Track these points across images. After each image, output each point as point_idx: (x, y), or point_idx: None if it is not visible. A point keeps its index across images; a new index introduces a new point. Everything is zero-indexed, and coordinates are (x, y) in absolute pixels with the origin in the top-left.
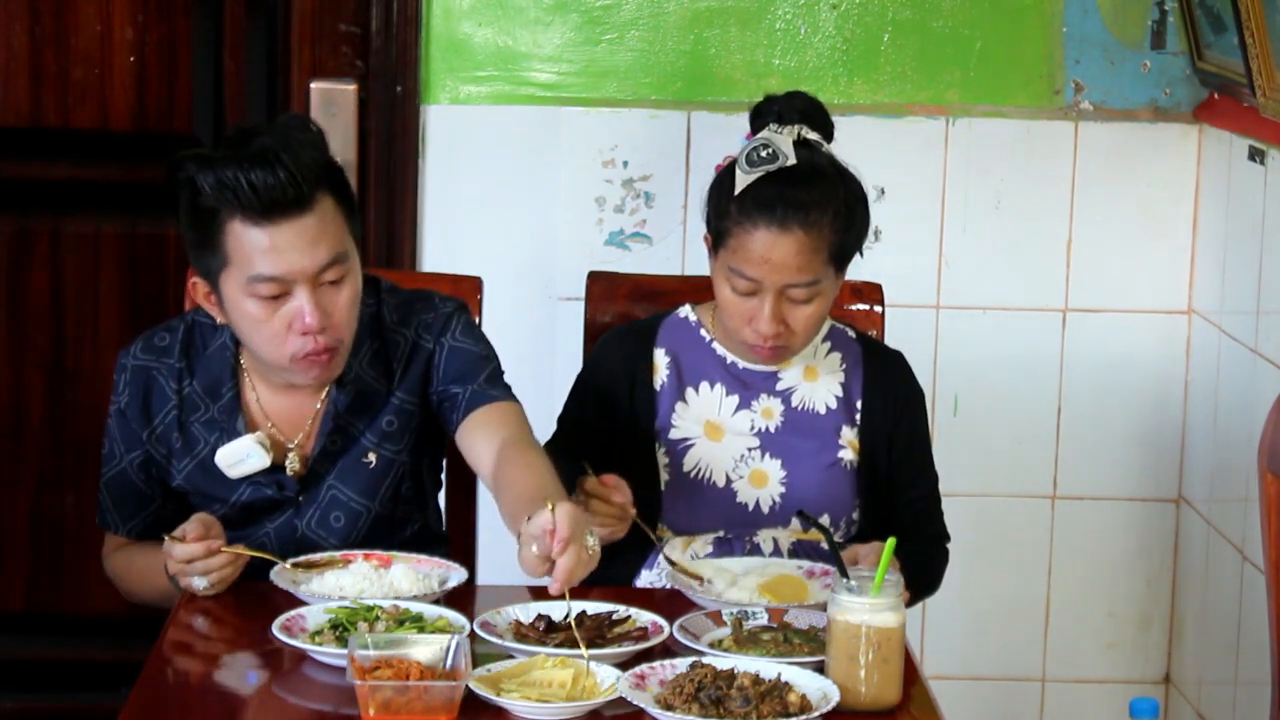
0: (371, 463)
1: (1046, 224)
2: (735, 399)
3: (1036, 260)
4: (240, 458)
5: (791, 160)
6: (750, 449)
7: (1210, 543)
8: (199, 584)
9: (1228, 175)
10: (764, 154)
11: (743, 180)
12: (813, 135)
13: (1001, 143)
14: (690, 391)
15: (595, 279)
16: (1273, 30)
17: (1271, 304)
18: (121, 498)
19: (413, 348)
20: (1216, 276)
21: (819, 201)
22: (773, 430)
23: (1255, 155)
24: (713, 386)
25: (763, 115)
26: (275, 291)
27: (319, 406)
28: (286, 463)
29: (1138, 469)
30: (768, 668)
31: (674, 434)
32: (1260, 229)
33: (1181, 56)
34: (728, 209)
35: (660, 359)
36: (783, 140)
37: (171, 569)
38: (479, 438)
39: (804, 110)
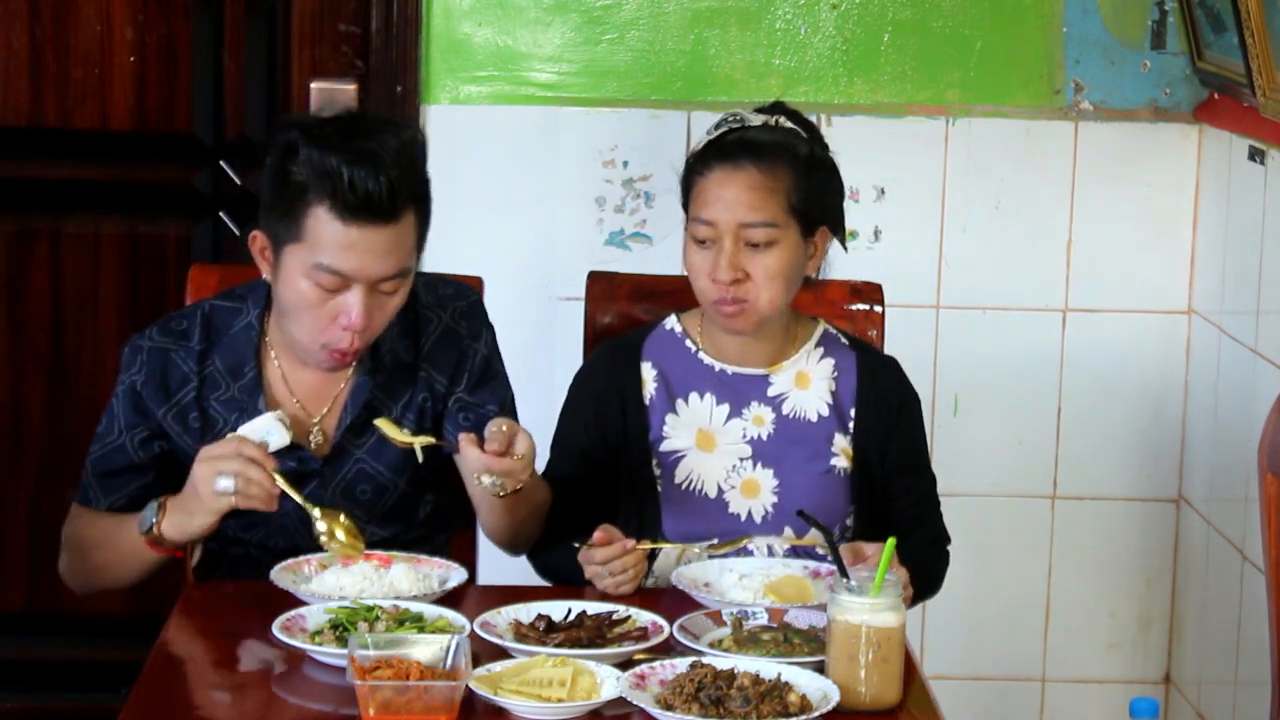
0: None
1: (1046, 224)
2: (726, 408)
3: (1036, 260)
4: (260, 436)
5: (755, 122)
6: (742, 459)
7: (1210, 543)
8: (222, 484)
9: (1228, 175)
10: (729, 119)
11: (705, 139)
12: (789, 125)
13: (1001, 143)
14: (680, 403)
15: (595, 279)
16: (1273, 30)
17: (1271, 304)
18: (109, 473)
19: (446, 331)
20: (1216, 276)
21: (775, 146)
22: (764, 438)
23: (1255, 155)
24: (702, 397)
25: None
26: (335, 285)
27: (344, 384)
28: (310, 438)
29: (1138, 469)
30: (768, 668)
31: (665, 446)
32: (1260, 229)
33: (1181, 56)
34: (690, 165)
35: (647, 373)
36: (752, 115)
37: (212, 452)
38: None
39: (788, 112)
